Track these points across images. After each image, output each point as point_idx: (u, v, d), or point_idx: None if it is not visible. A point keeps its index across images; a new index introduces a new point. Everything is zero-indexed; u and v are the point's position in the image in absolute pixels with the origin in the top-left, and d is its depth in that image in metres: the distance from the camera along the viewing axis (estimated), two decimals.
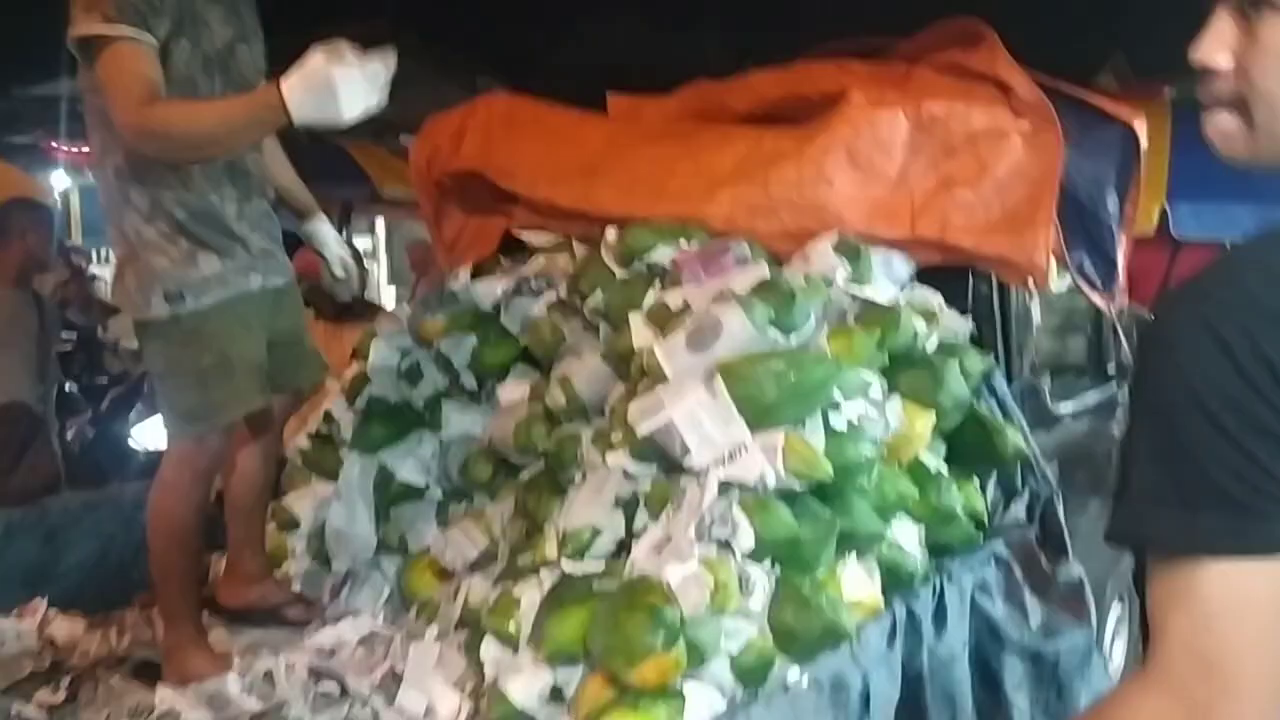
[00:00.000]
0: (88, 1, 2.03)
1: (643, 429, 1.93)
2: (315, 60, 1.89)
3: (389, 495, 2.74)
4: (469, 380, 2.82)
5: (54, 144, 9.51)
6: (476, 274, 3.13)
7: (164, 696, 2.12)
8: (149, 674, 2.28)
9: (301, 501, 2.82)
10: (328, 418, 2.87)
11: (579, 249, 3.00)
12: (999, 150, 2.60)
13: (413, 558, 2.60)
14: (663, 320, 2.30)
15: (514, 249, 3.23)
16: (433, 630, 2.34)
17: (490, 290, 2.94)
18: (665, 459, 1.94)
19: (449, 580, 2.48)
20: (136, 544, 2.63)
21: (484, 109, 3.24)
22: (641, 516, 1.93)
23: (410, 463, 2.75)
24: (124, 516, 2.65)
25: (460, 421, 2.78)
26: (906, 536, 2.16)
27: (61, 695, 2.17)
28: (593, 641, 1.72)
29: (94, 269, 8.88)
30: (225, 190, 2.27)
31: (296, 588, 2.73)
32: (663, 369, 2.03)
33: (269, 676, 2.21)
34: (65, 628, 2.36)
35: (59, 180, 9.26)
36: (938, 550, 2.26)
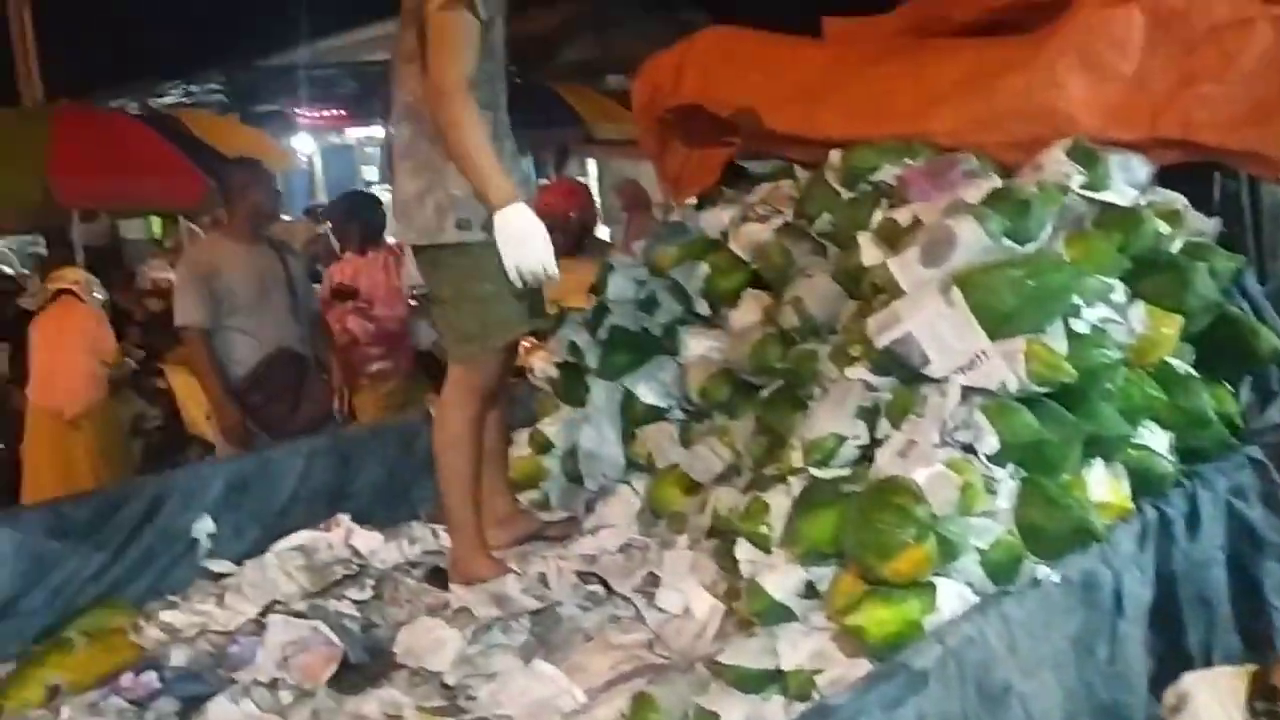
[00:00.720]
0: None
1: (881, 341, 2.01)
2: (536, 227, 2.33)
3: (634, 417, 2.93)
4: (702, 306, 2.96)
5: (298, 111, 10.32)
6: (702, 204, 3.27)
7: (458, 595, 2.39)
8: (438, 577, 2.57)
9: (554, 426, 3.06)
10: (573, 348, 3.09)
11: (802, 174, 3.07)
12: (1245, 39, 2.47)
13: (660, 473, 2.78)
14: (892, 237, 2.35)
15: (736, 178, 3.34)
16: (684, 539, 2.52)
17: (718, 219, 3.07)
18: (904, 369, 2.01)
19: (695, 493, 2.65)
20: (417, 466, 2.95)
21: (702, 43, 3.34)
22: (883, 425, 2.01)
23: (652, 386, 2.93)
24: (405, 442, 2.95)
25: (696, 345, 2.92)
26: (1156, 441, 2.15)
27: (369, 594, 2.49)
28: (845, 539, 1.83)
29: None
30: (504, 144, 2.50)
31: (554, 504, 2.98)
32: (898, 283, 2.09)
33: (543, 579, 2.45)
34: (365, 539, 2.68)
35: (304, 144, 9.99)
36: (1190, 455, 2.23)
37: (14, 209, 6.74)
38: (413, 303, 5.03)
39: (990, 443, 1.85)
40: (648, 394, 2.92)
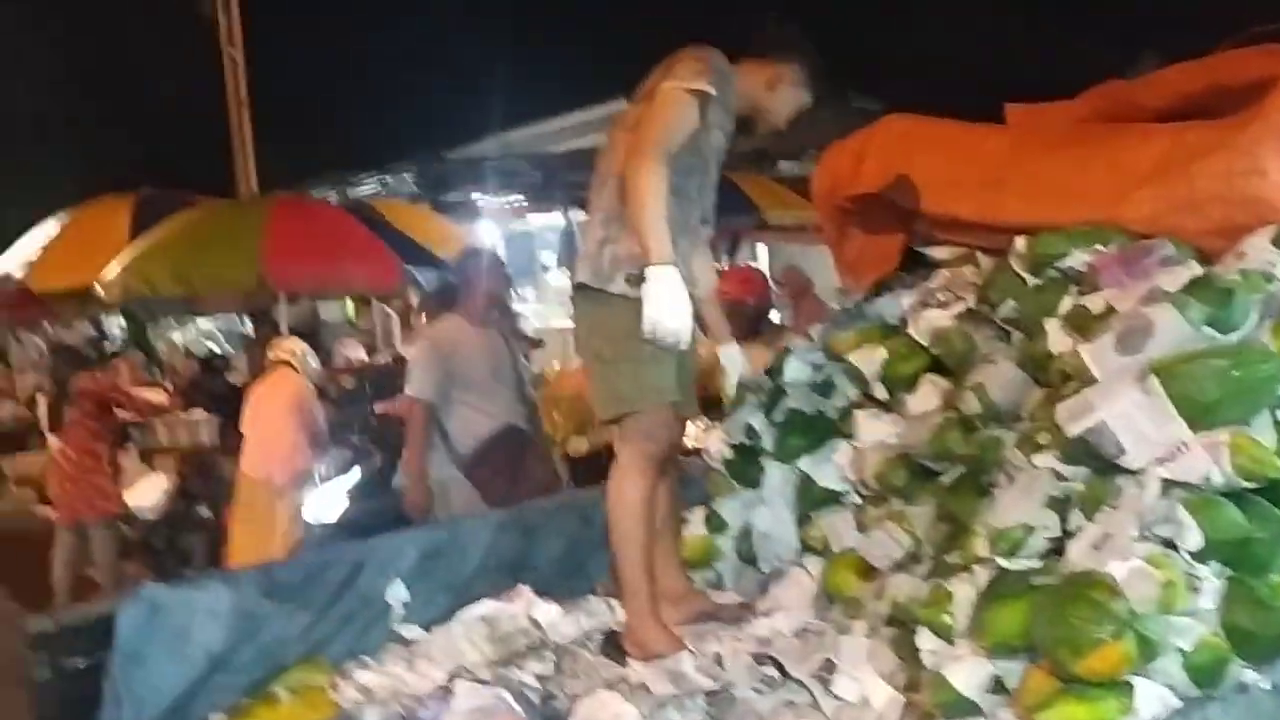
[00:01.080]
0: (700, 68, 2.57)
1: (1072, 430, 1.97)
2: (683, 294, 2.45)
3: (810, 500, 2.94)
4: (879, 391, 2.96)
5: (483, 199, 10.87)
6: (880, 291, 3.29)
7: (635, 670, 2.43)
8: (613, 645, 2.61)
9: (728, 506, 3.10)
10: (749, 431, 3.13)
11: (984, 260, 3.05)
12: None
13: (835, 558, 2.76)
14: (1083, 324, 2.31)
15: (914, 265, 3.35)
16: (860, 625, 2.50)
17: (897, 304, 3.08)
18: (1097, 459, 1.96)
19: (871, 579, 2.62)
20: (593, 541, 3.03)
21: (882, 132, 3.38)
22: (1076, 516, 1.96)
23: (828, 469, 2.93)
24: (584, 517, 3.04)
25: (873, 430, 2.92)
26: None
27: (550, 667, 2.55)
28: (1036, 633, 1.79)
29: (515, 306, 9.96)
30: (679, 238, 2.58)
31: (727, 585, 3.00)
32: (1090, 370, 2.05)
33: (718, 659, 2.46)
34: (545, 611, 2.76)
35: (488, 231, 10.49)
36: None
37: (229, 292, 7.32)
38: None
39: (1193, 538, 1.78)
40: (824, 477, 2.92)
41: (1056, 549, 1.98)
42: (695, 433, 3.66)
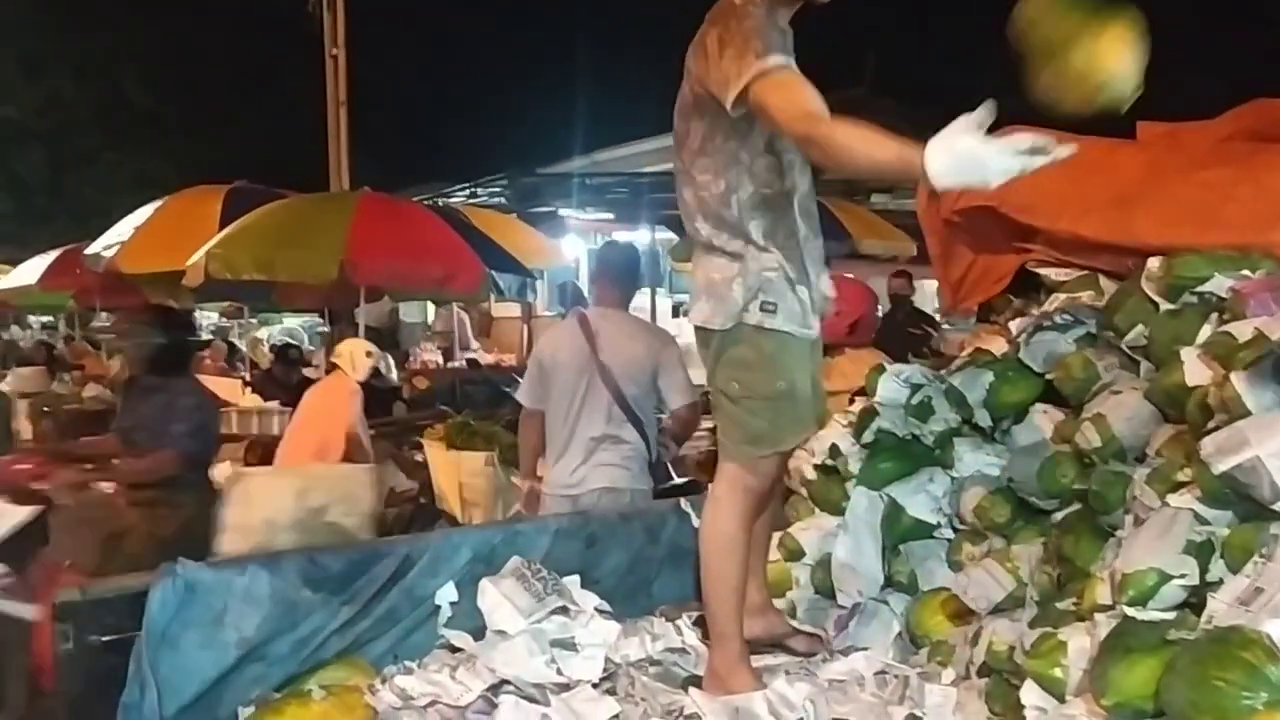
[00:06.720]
0: (739, 50, 2.12)
1: (1220, 466, 1.71)
2: (959, 133, 1.85)
3: (898, 531, 2.69)
4: (983, 418, 2.71)
5: (569, 213, 10.82)
6: (986, 314, 3.04)
7: (695, 699, 2.21)
8: (675, 679, 2.39)
9: (807, 533, 2.87)
10: (834, 451, 2.89)
11: (1106, 283, 2.80)
12: None
13: (924, 596, 2.52)
14: (1227, 354, 2.05)
15: (1025, 288, 3.09)
16: (948, 673, 2.25)
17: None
18: (1247, 502, 1.70)
19: (964, 622, 2.37)
20: (658, 559, 2.82)
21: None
22: (1217, 566, 1.70)
23: (921, 499, 2.68)
24: (650, 531, 2.83)
25: (974, 460, 2.67)
26: None
27: (602, 686, 2.34)
28: (1170, 695, 1.53)
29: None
30: (810, 246, 2.35)
31: (800, 617, 2.76)
32: (1244, 402, 1.79)
33: (787, 703, 2.21)
34: (606, 629, 2.53)
35: (572, 245, 10.39)
36: None
37: (311, 285, 7.27)
38: None
39: None
40: (915, 507, 2.67)
41: (1192, 601, 1.72)
42: None
